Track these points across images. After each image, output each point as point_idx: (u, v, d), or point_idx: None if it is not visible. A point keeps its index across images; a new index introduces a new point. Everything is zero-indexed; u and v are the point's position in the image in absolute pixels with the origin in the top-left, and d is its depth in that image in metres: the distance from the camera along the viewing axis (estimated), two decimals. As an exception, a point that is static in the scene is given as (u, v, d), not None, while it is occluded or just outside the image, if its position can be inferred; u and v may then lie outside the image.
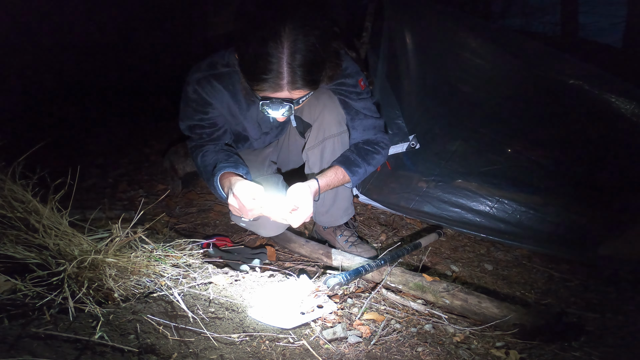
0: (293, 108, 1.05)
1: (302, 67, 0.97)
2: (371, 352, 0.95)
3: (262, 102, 1.04)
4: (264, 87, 1.00)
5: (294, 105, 1.05)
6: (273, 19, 0.94)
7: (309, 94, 1.06)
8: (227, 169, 1.21)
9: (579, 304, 1.33)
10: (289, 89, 1.00)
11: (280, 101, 1.03)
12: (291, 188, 1.18)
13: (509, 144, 1.74)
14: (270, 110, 1.05)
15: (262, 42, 0.95)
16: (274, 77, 0.97)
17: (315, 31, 0.96)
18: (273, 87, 0.99)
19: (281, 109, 1.05)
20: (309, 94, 1.06)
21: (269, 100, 1.03)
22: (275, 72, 0.97)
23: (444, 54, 1.82)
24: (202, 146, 1.31)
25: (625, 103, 1.56)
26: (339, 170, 1.29)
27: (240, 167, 1.24)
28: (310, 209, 1.15)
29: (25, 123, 2.74)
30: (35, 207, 0.97)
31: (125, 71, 3.73)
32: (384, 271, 1.28)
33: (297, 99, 1.05)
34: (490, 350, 1.01)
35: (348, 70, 1.30)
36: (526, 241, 1.64)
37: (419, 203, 1.76)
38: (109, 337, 0.79)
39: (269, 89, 1.00)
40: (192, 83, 1.24)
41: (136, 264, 1.01)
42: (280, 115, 1.07)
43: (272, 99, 1.03)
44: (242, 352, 0.87)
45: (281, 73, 0.97)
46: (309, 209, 1.15)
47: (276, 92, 1.01)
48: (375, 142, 1.38)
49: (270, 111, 1.06)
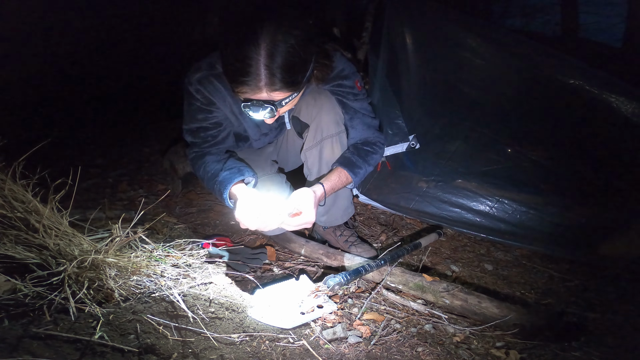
0: (275, 110, 1.05)
1: (280, 69, 0.97)
2: (371, 352, 0.95)
3: (244, 104, 1.04)
4: (243, 89, 1.00)
5: (277, 107, 1.04)
6: (251, 20, 0.95)
7: (292, 95, 1.05)
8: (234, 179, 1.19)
9: (579, 304, 1.33)
10: (267, 91, 1.00)
11: (261, 103, 1.02)
12: (295, 192, 1.17)
13: (509, 144, 1.74)
14: (252, 112, 1.05)
15: (240, 44, 0.95)
16: (252, 79, 0.97)
17: (295, 31, 0.97)
18: (252, 89, 0.99)
19: (262, 111, 1.04)
20: (292, 96, 1.06)
21: (250, 102, 1.03)
22: (253, 75, 0.96)
23: (444, 54, 1.81)
24: (204, 156, 1.29)
25: (625, 103, 1.56)
26: (342, 173, 1.30)
27: (245, 171, 1.23)
28: (313, 215, 1.14)
29: (25, 123, 2.74)
30: (36, 207, 0.97)
31: (125, 71, 3.73)
32: (384, 271, 1.28)
33: (279, 101, 1.04)
34: (490, 350, 1.01)
35: (345, 72, 1.31)
36: (526, 241, 1.63)
37: (419, 203, 1.76)
38: (109, 337, 0.79)
39: (248, 90, 1.00)
40: (193, 83, 1.23)
41: (136, 264, 1.01)
42: (262, 117, 1.06)
43: (252, 101, 1.02)
44: (242, 352, 0.87)
45: (259, 75, 0.96)
46: (312, 215, 1.14)
47: (256, 94, 1.01)
48: (372, 142, 1.39)
49: (252, 113, 1.05)
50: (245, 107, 1.05)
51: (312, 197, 1.15)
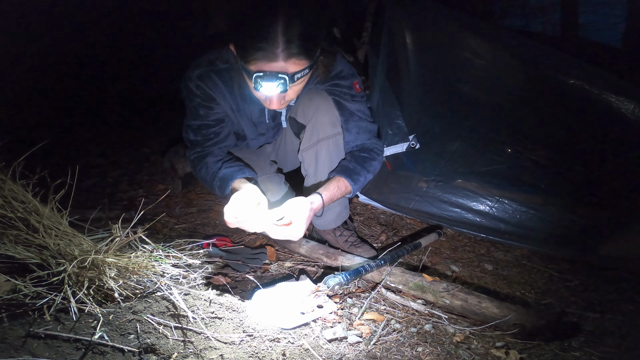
0: (287, 84, 1.03)
1: (297, 36, 0.99)
2: (371, 352, 0.95)
3: (256, 76, 1.02)
4: (258, 57, 1.00)
5: (289, 81, 1.03)
6: None
7: (304, 70, 1.05)
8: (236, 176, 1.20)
9: (579, 304, 1.33)
10: (283, 58, 1.00)
11: (275, 74, 1.01)
12: (291, 201, 1.12)
13: (509, 144, 1.74)
14: (264, 83, 1.02)
15: (259, 16, 0.99)
16: (270, 45, 0.98)
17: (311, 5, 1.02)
18: (268, 56, 0.99)
19: (275, 82, 1.02)
20: (304, 71, 1.05)
21: (263, 73, 1.01)
22: (271, 41, 0.98)
23: (444, 54, 1.82)
24: (205, 157, 1.29)
25: (625, 103, 1.56)
26: (341, 182, 1.28)
27: (246, 170, 1.24)
28: (302, 231, 1.09)
29: (25, 123, 2.74)
30: (36, 207, 0.97)
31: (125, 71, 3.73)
32: (384, 271, 1.28)
33: (292, 75, 1.03)
34: (490, 350, 1.01)
35: (344, 72, 1.31)
36: (526, 241, 1.63)
37: (419, 203, 1.76)
38: (109, 337, 0.79)
39: (263, 58, 1.00)
40: (193, 79, 1.24)
41: (136, 264, 1.01)
42: (275, 89, 1.03)
43: (266, 72, 1.01)
44: (242, 352, 0.87)
45: (276, 41, 0.98)
46: (301, 230, 1.09)
47: (271, 62, 1.01)
48: (370, 148, 1.37)
49: (264, 84, 1.02)
50: (257, 79, 1.02)
51: (306, 210, 1.11)
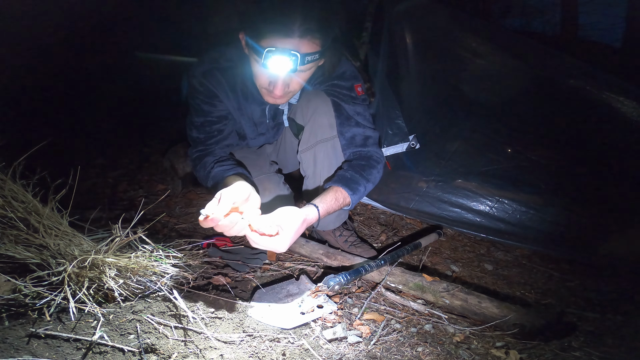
0: (298, 63, 1.02)
1: (314, 17, 1.00)
2: (371, 352, 0.95)
3: (268, 50, 1.00)
4: (274, 31, 1.00)
5: (299, 62, 1.02)
6: None
7: (315, 55, 1.04)
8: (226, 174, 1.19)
9: (579, 304, 1.33)
10: (299, 35, 1.00)
11: (287, 51, 1.00)
12: (283, 210, 1.02)
13: (509, 144, 1.74)
14: (276, 58, 1.00)
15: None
16: (287, 18, 0.99)
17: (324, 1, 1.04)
18: (284, 30, 0.99)
19: (287, 57, 1.01)
20: (315, 56, 1.05)
21: (275, 48, 1.00)
22: (288, 16, 0.98)
23: (444, 54, 1.82)
24: (206, 156, 1.29)
25: (625, 103, 1.56)
26: (339, 192, 1.20)
27: (238, 168, 1.24)
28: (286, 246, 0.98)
29: (25, 123, 2.74)
30: (36, 207, 0.98)
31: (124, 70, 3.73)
32: (384, 271, 1.28)
33: (304, 55, 1.02)
34: (490, 350, 1.01)
35: (346, 74, 1.30)
36: (526, 241, 1.63)
37: (419, 203, 1.76)
38: (109, 337, 0.79)
39: (278, 32, 1.00)
40: (197, 76, 1.24)
41: (136, 264, 1.01)
42: (284, 67, 1.02)
43: (278, 48, 1.00)
44: (242, 352, 0.87)
45: (294, 17, 0.99)
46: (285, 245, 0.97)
47: (286, 38, 1.00)
48: (368, 156, 1.31)
49: (275, 58, 1.00)
50: (268, 55, 1.00)
51: (298, 223, 1.01)
